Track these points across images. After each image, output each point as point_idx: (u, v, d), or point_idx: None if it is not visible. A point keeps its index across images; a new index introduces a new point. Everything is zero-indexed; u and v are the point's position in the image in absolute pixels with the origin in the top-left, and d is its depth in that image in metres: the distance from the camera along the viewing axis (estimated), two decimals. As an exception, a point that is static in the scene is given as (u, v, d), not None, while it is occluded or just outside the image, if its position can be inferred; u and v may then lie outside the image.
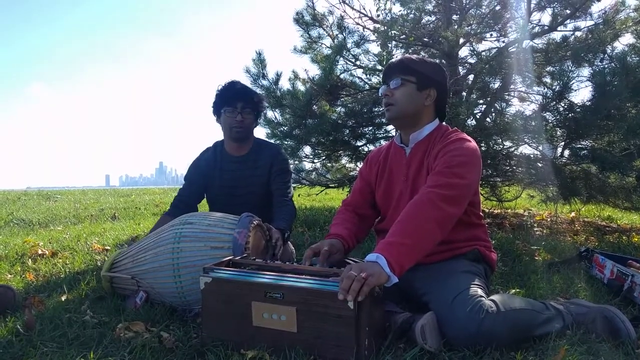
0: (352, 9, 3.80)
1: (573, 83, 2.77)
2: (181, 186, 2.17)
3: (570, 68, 2.77)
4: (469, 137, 1.45)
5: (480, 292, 1.24)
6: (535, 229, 3.17)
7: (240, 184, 2.06)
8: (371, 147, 3.82)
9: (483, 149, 3.12)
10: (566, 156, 3.11)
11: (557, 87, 2.84)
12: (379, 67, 3.53)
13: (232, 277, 1.22)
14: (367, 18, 3.85)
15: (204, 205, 2.21)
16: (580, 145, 3.01)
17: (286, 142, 3.88)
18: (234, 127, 1.99)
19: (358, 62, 3.64)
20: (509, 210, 4.20)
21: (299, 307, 1.13)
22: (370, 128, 3.81)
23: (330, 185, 4.23)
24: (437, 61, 1.60)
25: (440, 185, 1.29)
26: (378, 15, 3.75)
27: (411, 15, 3.69)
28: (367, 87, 3.74)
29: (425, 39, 3.79)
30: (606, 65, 2.74)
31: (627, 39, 3.08)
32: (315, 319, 1.12)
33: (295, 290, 1.13)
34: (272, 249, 1.66)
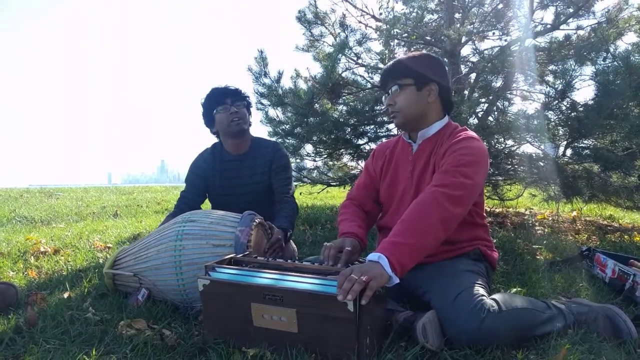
0: (355, 7, 3.81)
1: (576, 82, 2.76)
2: (183, 188, 2.16)
3: (572, 67, 2.76)
4: (477, 136, 1.43)
5: (481, 291, 1.24)
6: (536, 228, 3.17)
7: (241, 183, 2.06)
8: (373, 146, 3.82)
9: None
10: (568, 155, 3.10)
11: (560, 85, 2.83)
12: (381, 66, 3.52)
13: (230, 278, 1.21)
14: (370, 16, 3.85)
15: (206, 205, 2.21)
16: (582, 145, 3.01)
17: (288, 141, 3.88)
18: (233, 121, 1.99)
19: (360, 61, 3.63)
20: (511, 209, 4.20)
21: (298, 309, 1.12)
22: (372, 126, 3.80)
23: (332, 183, 4.24)
24: (439, 58, 1.57)
25: (446, 184, 1.28)
26: (380, 14, 3.75)
27: (413, 14, 3.68)
28: (369, 85, 3.74)
29: (428, 38, 3.79)
30: (609, 64, 2.73)
31: (630, 37, 3.09)
32: (315, 321, 1.11)
33: (294, 293, 1.12)
34: (269, 248, 1.64)
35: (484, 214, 1.54)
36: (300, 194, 5.60)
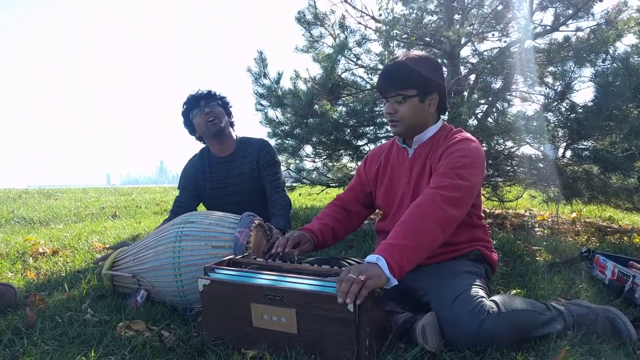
0: (354, 8, 3.80)
1: (575, 83, 2.76)
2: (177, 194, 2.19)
3: (572, 68, 2.76)
4: (473, 138, 1.43)
5: (481, 292, 1.24)
6: (536, 230, 3.16)
7: (230, 183, 2.09)
8: (372, 147, 3.82)
9: (484, 149, 3.12)
10: (568, 157, 3.10)
11: (559, 87, 2.83)
12: (381, 67, 3.52)
13: (230, 279, 1.21)
14: (369, 17, 3.85)
15: (200, 208, 2.22)
16: (582, 146, 3.01)
17: (287, 142, 3.88)
18: (208, 122, 2.03)
19: (359, 62, 3.63)
20: (510, 211, 4.20)
21: (298, 310, 1.12)
22: (372, 127, 3.80)
23: (331, 184, 4.23)
24: (437, 60, 1.58)
25: (444, 186, 1.28)
26: (380, 15, 3.75)
27: (413, 15, 3.69)
28: (368, 86, 3.74)
29: (427, 39, 3.79)
30: (608, 66, 2.74)
31: (629, 39, 3.09)
32: (315, 321, 1.11)
33: (294, 292, 1.12)
34: (268, 249, 1.64)
35: (482, 215, 1.54)
36: (300, 195, 5.60)
